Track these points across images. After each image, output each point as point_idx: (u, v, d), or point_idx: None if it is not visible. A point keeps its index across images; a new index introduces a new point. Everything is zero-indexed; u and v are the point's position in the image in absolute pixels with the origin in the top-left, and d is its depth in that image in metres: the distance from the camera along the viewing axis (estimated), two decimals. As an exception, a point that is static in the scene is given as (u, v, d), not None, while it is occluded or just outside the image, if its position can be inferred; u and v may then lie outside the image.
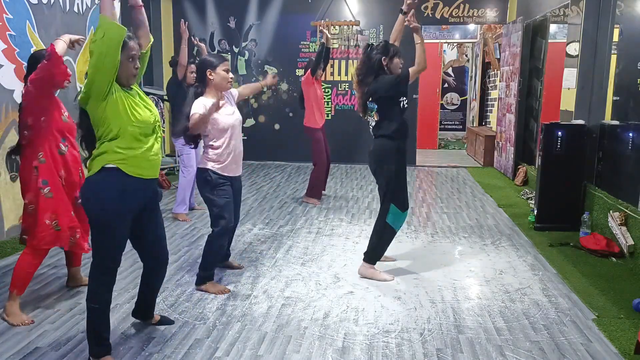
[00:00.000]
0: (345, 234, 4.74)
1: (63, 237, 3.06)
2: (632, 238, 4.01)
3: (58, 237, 3.04)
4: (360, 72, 3.64)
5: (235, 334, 2.87)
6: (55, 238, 3.03)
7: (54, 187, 3.02)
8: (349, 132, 8.51)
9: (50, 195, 3.00)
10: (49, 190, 3.00)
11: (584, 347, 2.74)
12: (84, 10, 5.19)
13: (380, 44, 3.61)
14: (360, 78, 3.63)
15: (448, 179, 7.58)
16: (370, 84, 3.56)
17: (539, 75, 6.93)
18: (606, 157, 4.68)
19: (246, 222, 5.12)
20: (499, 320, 3.04)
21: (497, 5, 8.43)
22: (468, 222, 5.18)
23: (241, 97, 3.85)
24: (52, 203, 3.01)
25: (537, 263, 4.01)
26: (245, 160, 8.69)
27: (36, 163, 2.99)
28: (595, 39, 4.92)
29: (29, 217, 3.03)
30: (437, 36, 11.29)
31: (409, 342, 2.79)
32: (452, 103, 12.84)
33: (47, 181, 3.01)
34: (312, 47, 8.63)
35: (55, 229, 3.02)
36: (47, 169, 3.01)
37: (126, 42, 2.40)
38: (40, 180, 2.99)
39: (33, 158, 3.00)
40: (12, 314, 2.98)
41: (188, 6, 8.79)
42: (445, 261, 4.06)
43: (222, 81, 3.37)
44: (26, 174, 3.03)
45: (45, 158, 3.01)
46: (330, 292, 3.45)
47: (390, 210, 3.58)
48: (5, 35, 4.16)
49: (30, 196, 3.00)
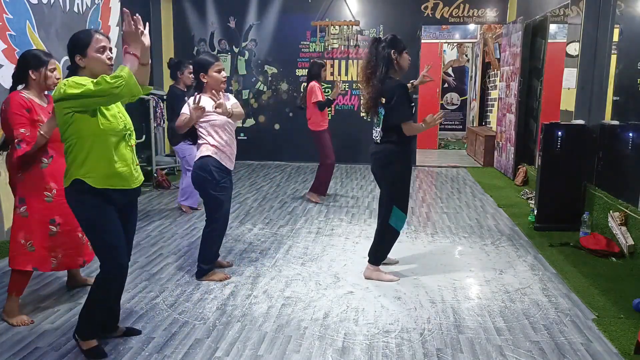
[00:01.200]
0: (345, 234, 4.74)
1: (38, 257, 2.95)
2: (632, 238, 4.01)
3: (32, 257, 2.94)
4: (369, 67, 3.47)
5: (235, 334, 2.87)
6: (29, 258, 2.94)
7: (30, 207, 2.92)
8: (349, 132, 8.50)
9: (25, 214, 2.93)
10: (25, 209, 2.93)
11: (584, 347, 2.74)
12: (84, 10, 5.19)
13: (388, 37, 3.48)
14: (369, 73, 3.47)
15: (448, 179, 7.58)
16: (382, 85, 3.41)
17: (539, 75, 6.93)
18: (606, 157, 4.68)
19: (246, 222, 5.12)
20: (499, 320, 3.04)
21: (497, 5, 8.43)
22: (468, 222, 5.18)
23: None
24: (27, 223, 2.93)
25: (537, 263, 4.01)
26: (245, 160, 8.83)
27: (15, 180, 2.95)
28: (595, 39, 4.92)
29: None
30: (437, 36, 11.29)
31: (409, 342, 2.79)
32: (452, 103, 12.83)
33: (24, 199, 2.93)
34: (312, 47, 8.64)
35: (29, 249, 2.94)
36: (23, 187, 2.93)
37: (91, 35, 2.46)
38: (17, 198, 2.94)
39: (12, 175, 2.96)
40: (12, 314, 2.98)
41: (188, 6, 8.79)
42: (445, 261, 4.06)
43: (215, 83, 3.43)
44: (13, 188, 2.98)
45: (24, 175, 2.93)
46: (330, 292, 3.45)
47: (393, 212, 3.56)
48: (5, 35, 4.16)
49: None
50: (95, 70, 2.45)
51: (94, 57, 2.46)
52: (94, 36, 2.46)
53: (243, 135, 8.97)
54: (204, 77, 3.42)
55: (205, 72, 3.40)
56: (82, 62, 2.45)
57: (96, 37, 2.47)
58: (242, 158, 8.89)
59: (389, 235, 3.64)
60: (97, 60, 2.46)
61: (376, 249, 3.67)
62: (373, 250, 3.68)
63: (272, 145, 8.88)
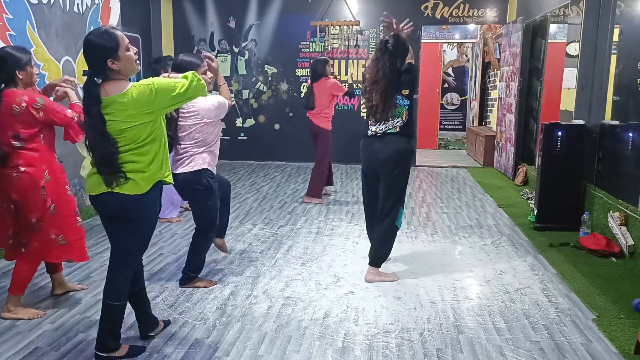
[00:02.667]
0: (345, 234, 4.74)
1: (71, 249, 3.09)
2: (632, 238, 4.01)
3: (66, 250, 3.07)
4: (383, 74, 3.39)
5: (235, 334, 2.87)
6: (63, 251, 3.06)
7: (57, 203, 3.01)
8: (349, 132, 8.48)
9: (54, 212, 3.00)
10: (53, 207, 3.00)
11: (584, 347, 2.74)
12: (84, 10, 5.19)
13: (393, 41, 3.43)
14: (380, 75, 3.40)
15: (448, 179, 7.58)
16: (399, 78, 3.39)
17: (539, 75, 6.93)
18: (606, 157, 4.68)
19: (246, 222, 5.12)
20: (499, 320, 3.04)
21: (497, 5, 8.43)
22: (468, 222, 5.18)
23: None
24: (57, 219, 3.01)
25: (537, 263, 4.01)
26: (245, 160, 8.85)
27: (43, 182, 2.94)
28: (595, 39, 4.92)
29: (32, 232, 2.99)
30: (437, 36, 11.29)
31: (409, 342, 2.79)
32: (452, 103, 12.84)
33: (54, 199, 3.00)
34: (312, 47, 8.64)
35: (60, 243, 3.03)
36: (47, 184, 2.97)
37: (116, 35, 2.35)
38: (48, 199, 2.96)
39: (40, 177, 2.93)
40: (19, 310, 3.02)
41: (188, 6, 8.79)
42: (445, 261, 4.06)
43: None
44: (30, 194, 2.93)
45: (50, 176, 2.98)
46: (330, 292, 3.45)
47: (400, 213, 3.57)
48: (5, 35, 4.16)
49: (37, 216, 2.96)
50: (127, 70, 2.37)
51: (126, 57, 2.36)
52: (119, 36, 2.36)
53: (243, 135, 8.97)
54: None
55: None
56: (115, 65, 2.32)
57: (121, 36, 2.37)
58: (242, 158, 8.90)
59: (393, 235, 3.63)
60: (129, 59, 2.37)
61: (381, 251, 3.64)
62: (377, 252, 3.64)
63: (272, 145, 8.88)
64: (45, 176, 2.95)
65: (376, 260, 3.64)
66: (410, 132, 3.55)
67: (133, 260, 2.56)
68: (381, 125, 3.50)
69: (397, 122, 3.48)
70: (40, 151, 2.95)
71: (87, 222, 4.99)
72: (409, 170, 3.58)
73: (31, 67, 2.96)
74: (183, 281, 3.50)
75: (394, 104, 3.45)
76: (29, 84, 2.97)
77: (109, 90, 2.31)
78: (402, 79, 3.43)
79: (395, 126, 3.48)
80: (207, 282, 3.53)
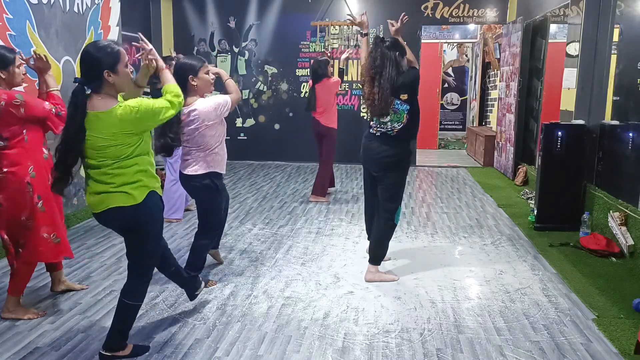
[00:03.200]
0: (345, 234, 4.74)
1: (66, 247, 3.10)
2: (632, 238, 4.01)
3: (61, 248, 3.07)
4: (376, 65, 3.40)
5: (235, 334, 2.87)
6: (59, 249, 3.06)
7: (45, 200, 2.98)
8: (349, 132, 8.49)
9: (43, 209, 2.97)
10: (41, 204, 2.97)
11: (584, 347, 2.74)
12: (84, 10, 5.19)
13: (390, 40, 3.45)
14: (376, 72, 3.40)
15: (448, 179, 7.58)
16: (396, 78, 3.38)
17: (539, 75, 6.93)
18: (606, 157, 4.68)
19: (246, 222, 5.12)
20: (499, 320, 3.04)
21: (497, 5, 8.43)
22: (468, 222, 5.18)
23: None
24: (46, 217, 2.99)
25: (537, 263, 4.01)
26: (245, 160, 8.83)
27: (28, 179, 2.92)
28: (595, 39, 4.92)
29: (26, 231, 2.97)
30: (437, 36, 11.28)
31: (409, 342, 2.79)
32: (452, 103, 12.83)
33: (41, 195, 2.96)
34: (312, 47, 8.63)
35: (55, 241, 3.02)
36: (35, 182, 2.95)
37: (119, 50, 2.36)
38: (35, 195, 2.94)
39: (24, 174, 2.91)
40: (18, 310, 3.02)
41: (188, 6, 8.79)
42: (445, 261, 4.06)
43: (205, 85, 3.29)
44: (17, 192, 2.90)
45: (35, 172, 2.94)
46: (330, 292, 3.45)
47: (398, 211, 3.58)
48: (5, 35, 4.16)
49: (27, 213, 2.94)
50: (120, 85, 2.39)
51: (124, 72, 2.38)
52: (122, 51, 2.37)
53: (243, 135, 8.97)
54: (193, 79, 3.21)
55: (195, 75, 3.22)
56: (111, 78, 2.33)
57: (123, 52, 2.38)
58: (242, 158, 8.90)
59: (389, 233, 3.64)
60: (126, 75, 2.39)
61: (377, 248, 3.66)
62: (375, 250, 3.65)
63: (272, 145, 8.88)
64: (30, 172, 2.93)
65: (374, 258, 3.66)
66: (409, 135, 3.54)
67: (149, 264, 2.63)
68: (381, 126, 3.51)
69: (397, 125, 3.48)
70: (25, 148, 2.92)
71: (87, 222, 5.00)
72: (406, 171, 3.59)
73: (15, 67, 2.93)
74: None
75: (389, 98, 3.39)
76: (12, 84, 2.95)
77: (96, 104, 2.32)
78: (400, 81, 3.41)
79: (394, 128, 3.48)
80: (207, 282, 3.53)
